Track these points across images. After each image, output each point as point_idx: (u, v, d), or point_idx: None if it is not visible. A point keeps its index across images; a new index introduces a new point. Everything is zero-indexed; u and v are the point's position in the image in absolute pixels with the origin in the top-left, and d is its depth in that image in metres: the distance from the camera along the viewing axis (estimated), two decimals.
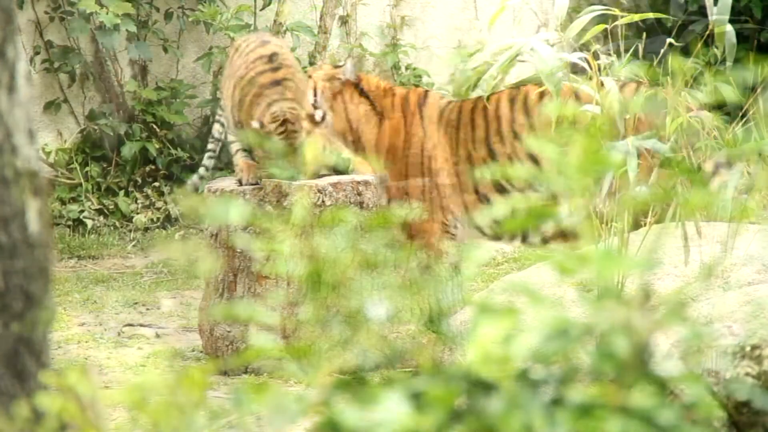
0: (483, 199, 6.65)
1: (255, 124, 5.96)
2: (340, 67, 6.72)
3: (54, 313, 2.44)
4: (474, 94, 6.58)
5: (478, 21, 10.45)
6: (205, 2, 9.20)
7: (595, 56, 4.45)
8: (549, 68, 4.29)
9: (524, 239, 6.69)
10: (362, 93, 6.75)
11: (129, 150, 9.09)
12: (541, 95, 6.65)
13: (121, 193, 9.05)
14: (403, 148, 6.56)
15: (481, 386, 1.75)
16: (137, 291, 7.47)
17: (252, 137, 6.09)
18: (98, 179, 9.09)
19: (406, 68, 10.12)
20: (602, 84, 4.44)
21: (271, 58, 6.15)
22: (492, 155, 6.66)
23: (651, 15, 4.71)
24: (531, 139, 6.37)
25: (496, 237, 6.71)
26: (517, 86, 6.83)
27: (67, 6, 9.03)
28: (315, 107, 6.63)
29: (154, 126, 9.24)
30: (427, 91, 6.86)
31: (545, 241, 6.65)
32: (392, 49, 10.15)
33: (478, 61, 4.54)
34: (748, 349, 3.34)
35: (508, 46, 4.45)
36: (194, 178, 7.01)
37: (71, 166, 9.07)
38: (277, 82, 6.09)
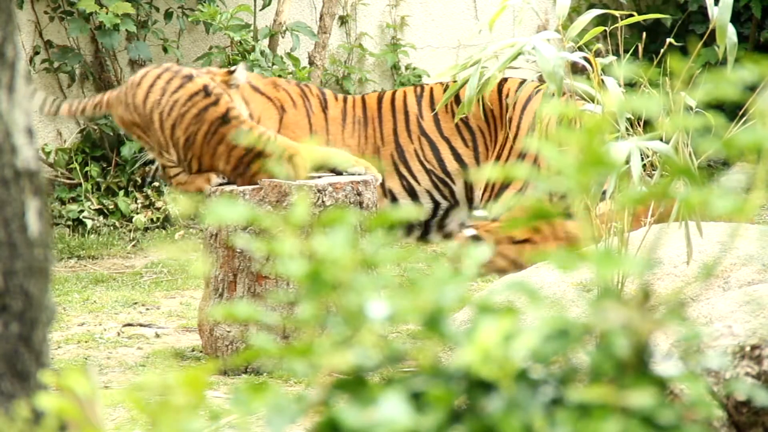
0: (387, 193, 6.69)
1: (216, 180, 6.04)
2: (232, 72, 6.61)
3: (54, 313, 2.44)
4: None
5: (478, 21, 10.45)
6: (204, 2, 9.20)
7: (597, 54, 4.45)
8: (551, 67, 4.29)
9: (408, 233, 6.69)
10: (256, 90, 6.72)
11: (129, 150, 9.09)
12: (445, 91, 6.68)
13: (121, 193, 9.05)
14: None
15: (481, 386, 1.75)
16: (137, 291, 7.47)
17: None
18: (98, 179, 9.09)
19: (406, 68, 10.12)
20: (603, 83, 4.44)
21: (206, 91, 6.16)
22: (400, 151, 6.66)
23: (653, 16, 4.71)
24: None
25: None
26: (422, 84, 6.86)
27: (66, 6, 9.03)
28: None
29: None
30: (323, 91, 6.81)
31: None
32: (392, 49, 10.15)
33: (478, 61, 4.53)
34: (748, 349, 3.34)
35: (509, 45, 4.45)
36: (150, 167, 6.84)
37: (71, 166, 9.07)
38: (223, 119, 6.12)
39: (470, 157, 6.60)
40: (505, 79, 6.61)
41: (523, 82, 6.59)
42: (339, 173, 6.03)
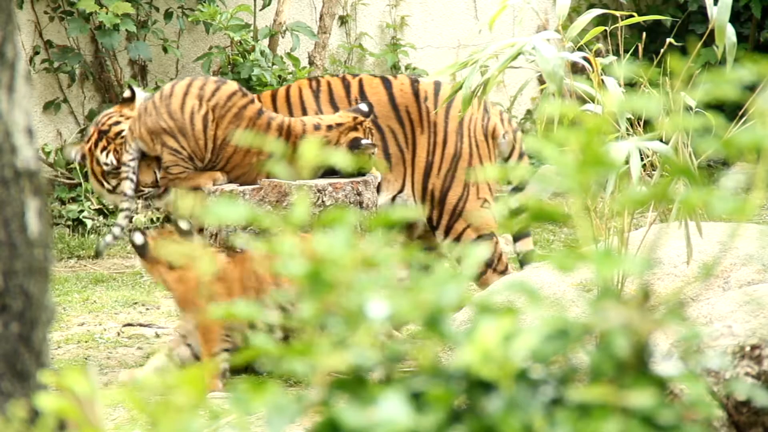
0: None
1: (221, 180, 6.02)
2: (127, 102, 6.50)
3: (54, 313, 2.44)
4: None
5: (478, 21, 10.45)
6: (204, 2, 9.20)
7: (597, 54, 4.45)
8: (551, 67, 4.29)
9: None
10: None
11: None
12: (347, 87, 6.53)
13: None
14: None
15: (481, 386, 1.75)
16: (137, 291, 7.47)
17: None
18: None
19: (406, 68, 10.13)
20: (603, 83, 4.44)
21: (242, 91, 6.17)
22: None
23: (653, 17, 4.71)
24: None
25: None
26: (316, 78, 6.67)
27: (66, 6, 9.03)
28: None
29: None
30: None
31: None
32: (392, 49, 10.15)
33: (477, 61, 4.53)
34: (748, 349, 3.34)
35: (509, 45, 4.45)
36: (107, 238, 6.38)
37: (71, 166, 9.07)
38: (259, 113, 6.11)
39: (378, 156, 6.45)
40: (417, 80, 6.55)
41: (437, 83, 6.55)
42: (337, 172, 6.02)
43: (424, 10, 10.40)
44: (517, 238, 6.55)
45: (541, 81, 6.30)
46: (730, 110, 7.92)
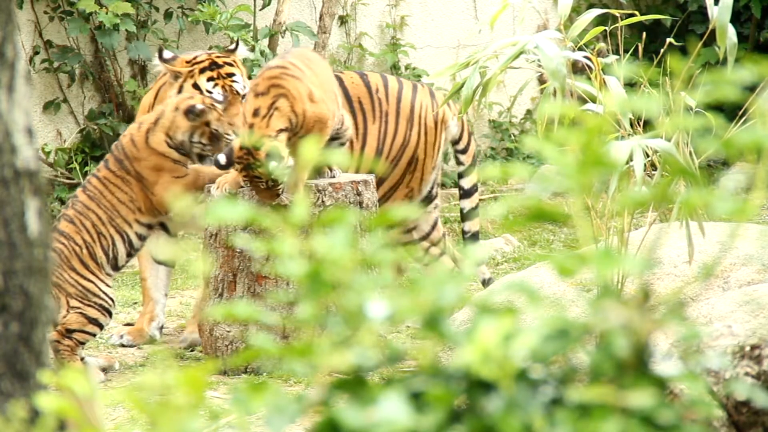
0: None
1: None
2: (234, 50, 6.49)
3: (54, 313, 2.44)
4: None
5: (477, 21, 10.45)
6: (204, 2, 9.20)
7: (599, 54, 4.45)
8: (554, 65, 4.29)
9: None
10: None
11: None
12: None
13: None
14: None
15: (481, 386, 1.75)
16: (137, 291, 7.46)
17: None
18: None
19: (406, 68, 10.13)
20: (605, 83, 4.44)
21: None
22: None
23: (653, 17, 4.71)
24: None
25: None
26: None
27: (66, 6, 9.03)
28: None
29: None
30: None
31: None
32: (392, 49, 10.15)
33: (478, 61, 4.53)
34: (747, 349, 3.34)
35: (511, 44, 4.45)
36: None
37: (71, 165, 9.07)
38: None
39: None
40: (365, 74, 6.63)
41: (383, 76, 6.64)
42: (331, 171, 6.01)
43: (424, 10, 10.40)
44: (464, 218, 6.66)
45: (541, 81, 6.30)
46: (730, 110, 7.92)
